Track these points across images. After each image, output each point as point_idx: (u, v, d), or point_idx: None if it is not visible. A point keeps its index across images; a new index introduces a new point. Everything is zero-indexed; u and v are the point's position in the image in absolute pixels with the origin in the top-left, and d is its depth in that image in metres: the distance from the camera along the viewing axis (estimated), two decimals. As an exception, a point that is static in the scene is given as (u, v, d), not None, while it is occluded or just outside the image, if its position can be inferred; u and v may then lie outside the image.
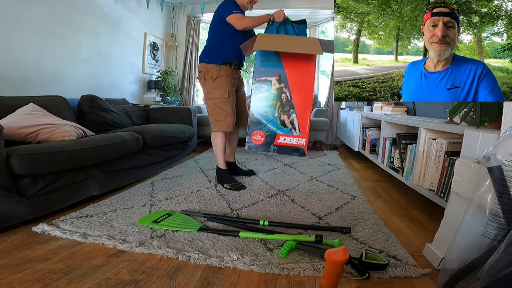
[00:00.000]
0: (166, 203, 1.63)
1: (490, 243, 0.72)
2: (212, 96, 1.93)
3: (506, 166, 0.72)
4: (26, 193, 1.30)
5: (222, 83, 1.90)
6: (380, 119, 2.30)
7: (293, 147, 1.79)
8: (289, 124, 1.78)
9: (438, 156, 1.42)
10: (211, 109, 1.96)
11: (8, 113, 1.71)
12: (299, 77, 1.76)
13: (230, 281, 0.93)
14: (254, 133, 1.80)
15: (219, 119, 1.93)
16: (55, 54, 2.48)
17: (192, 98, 4.31)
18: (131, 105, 3.01)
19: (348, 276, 0.96)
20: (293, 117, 1.78)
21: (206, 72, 1.92)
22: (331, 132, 4.04)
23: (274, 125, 1.79)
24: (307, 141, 1.79)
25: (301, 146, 1.79)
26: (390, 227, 1.35)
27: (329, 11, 3.87)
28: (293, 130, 1.78)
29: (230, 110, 1.93)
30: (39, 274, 0.94)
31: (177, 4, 4.06)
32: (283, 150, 1.80)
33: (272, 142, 1.80)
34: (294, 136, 1.78)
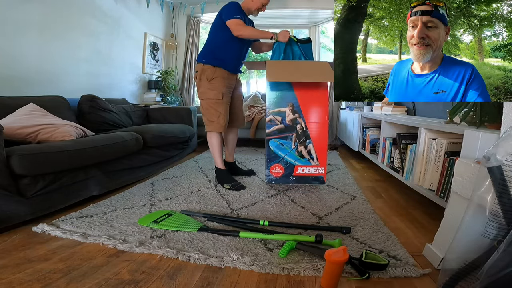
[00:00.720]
0: (166, 203, 1.63)
1: (490, 243, 0.72)
2: (206, 96, 1.93)
3: (506, 166, 0.72)
4: (26, 193, 1.30)
5: (217, 85, 1.90)
6: (380, 119, 2.30)
7: (312, 176, 1.80)
8: (306, 154, 1.79)
9: (438, 156, 1.42)
10: (205, 110, 1.97)
11: (8, 113, 1.71)
12: (313, 105, 1.75)
13: (230, 281, 0.93)
14: (273, 166, 1.81)
15: (212, 120, 1.94)
16: (55, 54, 2.48)
17: (192, 98, 4.31)
18: (131, 105, 3.01)
19: (348, 276, 0.96)
20: (310, 147, 1.78)
21: (202, 72, 1.92)
22: (331, 132, 4.04)
23: (292, 156, 1.79)
24: (326, 169, 1.79)
25: (321, 175, 1.79)
26: (390, 227, 1.35)
27: (329, 11, 3.86)
28: (311, 160, 1.79)
29: (223, 112, 1.93)
30: (39, 274, 0.94)
31: (177, 4, 4.06)
32: (303, 180, 1.81)
33: (291, 174, 1.81)
34: (312, 166, 1.79)
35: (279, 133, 1.80)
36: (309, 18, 4.27)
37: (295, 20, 4.31)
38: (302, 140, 1.77)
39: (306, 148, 1.79)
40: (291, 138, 1.79)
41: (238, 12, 1.86)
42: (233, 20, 1.82)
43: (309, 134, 1.78)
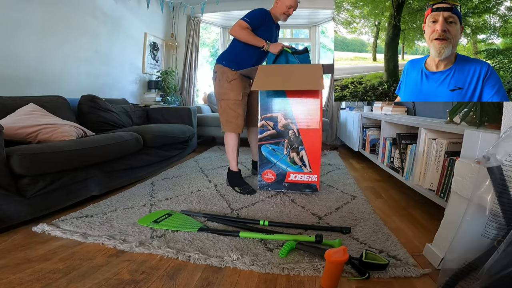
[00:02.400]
0: (166, 203, 1.63)
1: (490, 243, 0.72)
2: (226, 97, 1.91)
3: (505, 166, 0.72)
4: (26, 193, 1.30)
5: (236, 86, 1.89)
6: (380, 119, 2.30)
7: (304, 183, 1.77)
8: (298, 161, 1.76)
9: (438, 156, 1.42)
10: (223, 110, 1.93)
11: (8, 113, 1.71)
12: (305, 110, 1.72)
13: (230, 281, 0.93)
14: (265, 171, 1.79)
15: (230, 121, 1.91)
16: (55, 54, 2.49)
17: (192, 98, 4.31)
18: (131, 105, 3.01)
19: (348, 276, 0.96)
20: (302, 154, 1.75)
21: (222, 73, 1.91)
22: (331, 132, 4.04)
23: (284, 163, 1.77)
24: (319, 177, 1.76)
25: (313, 182, 1.77)
26: (390, 227, 1.35)
27: (329, 11, 3.86)
28: (303, 167, 1.76)
29: (241, 113, 1.91)
30: (39, 274, 0.94)
31: (177, 4, 4.06)
32: (295, 187, 1.79)
33: (283, 180, 1.78)
34: (305, 173, 1.76)
35: (271, 138, 1.78)
36: (309, 18, 4.28)
37: (295, 20, 4.31)
38: (295, 146, 1.75)
39: (298, 155, 1.76)
40: (283, 144, 1.77)
41: (254, 16, 1.85)
42: (238, 21, 1.83)
43: (302, 140, 1.75)
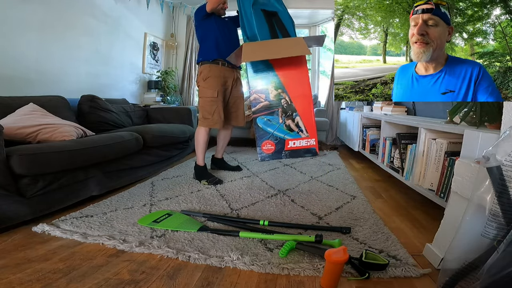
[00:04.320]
0: (166, 203, 1.63)
1: (490, 243, 0.72)
2: (202, 95, 2.03)
3: (505, 166, 0.72)
4: (26, 193, 1.30)
5: (211, 83, 1.99)
6: (380, 119, 2.30)
7: (304, 149, 1.80)
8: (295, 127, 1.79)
9: (438, 156, 1.42)
10: (201, 107, 2.06)
11: (8, 113, 1.71)
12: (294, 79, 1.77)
13: (230, 281, 0.93)
14: (263, 143, 1.82)
15: (206, 117, 2.02)
16: (55, 54, 2.48)
17: (192, 98, 4.31)
18: (131, 105, 3.01)
19: (348, 276, 0.96)
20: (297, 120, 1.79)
21: (199, 73, 2.05)
22: (331, 132, 4.04)
23: (281, 131, 1.80)
24: (317, 140, 1.80)
25: (312, 146, 1.80)
26: (390, 227, 1.35)
27: (329, 11, 3.86)
28: (300, 133, 1.79)
29: (218, 109, 2.01)
30: (39, 274, 0.94)
31: (177, 4, 4.06)
32: (295, 154, 1.82)
33: (283, 148, 1.81)
34: (303, 138, 1.79)
35: (265, 109, 1.81)
36: (309, 18, 4.28)
37: (295, 20, 4.26)
38: (289, 114, 1.78)
39: (293, 121, 1.80)
40: (278, 113, 1.81)
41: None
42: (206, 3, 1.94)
43: (295, 107, 1.79)
